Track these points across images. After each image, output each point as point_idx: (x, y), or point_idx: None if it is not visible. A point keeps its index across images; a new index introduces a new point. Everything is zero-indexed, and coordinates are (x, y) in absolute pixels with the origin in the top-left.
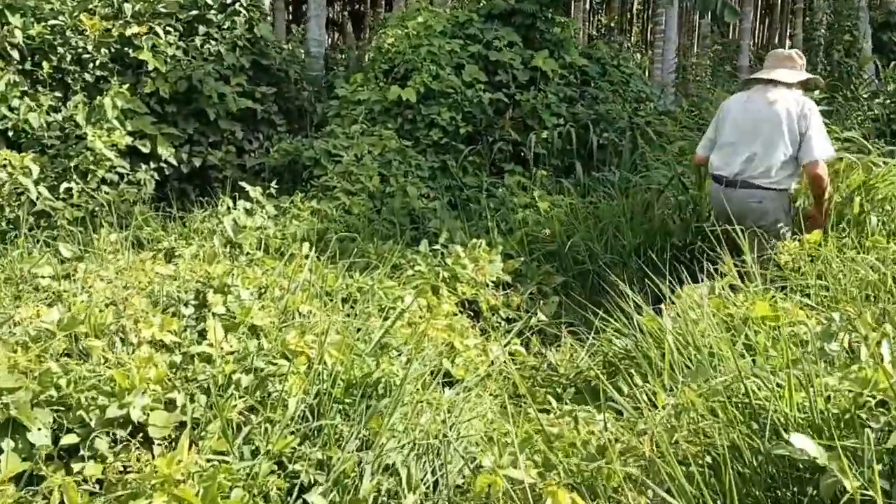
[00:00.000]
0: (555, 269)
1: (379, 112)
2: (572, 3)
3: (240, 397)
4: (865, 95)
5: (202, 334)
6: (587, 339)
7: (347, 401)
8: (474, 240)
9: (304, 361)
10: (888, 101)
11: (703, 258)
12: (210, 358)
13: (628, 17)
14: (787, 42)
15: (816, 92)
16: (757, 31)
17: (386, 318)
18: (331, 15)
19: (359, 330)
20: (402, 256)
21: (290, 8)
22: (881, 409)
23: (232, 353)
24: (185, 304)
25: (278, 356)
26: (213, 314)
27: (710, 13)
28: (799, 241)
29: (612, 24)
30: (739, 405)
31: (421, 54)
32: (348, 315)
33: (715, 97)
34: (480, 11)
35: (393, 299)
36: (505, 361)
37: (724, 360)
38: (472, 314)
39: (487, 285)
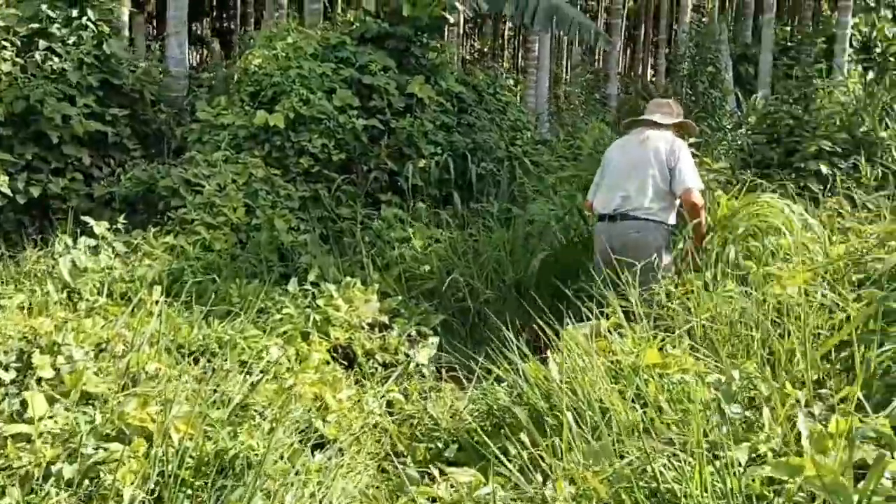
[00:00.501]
0: (434, 307)
1: (244, 138)
2: (446, 27)
3: (63, 491)
4: (729, 126)
5: (25, 405)
6: (470, 384)
7: (198, 483)
8: (348, 278)
9: (145, 440)
10: (751, 132)
11: (584, 296)
12: (29, 439)
13: (500, 42)
14: (650, 72)
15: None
16: (620, 61)
17: (248, 374)
18: (199, 31)
19: (215, 391)
20: (269, 298)
21: (154, 23)
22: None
23: (55, 433)
24: (5, 368)
25: (114, 432)
26: (38, 380)
27: (582, 42)
28: (679, 277)
29: (486, 50)
30: (647, 491)
31: (290, 77)
32: (204, 372)
33: (590, 128)
34: (353, 34)
35: (257, 351)
36: (381, 415)
37: (616, 413)
38: (346, 361)
39: (363, 328)
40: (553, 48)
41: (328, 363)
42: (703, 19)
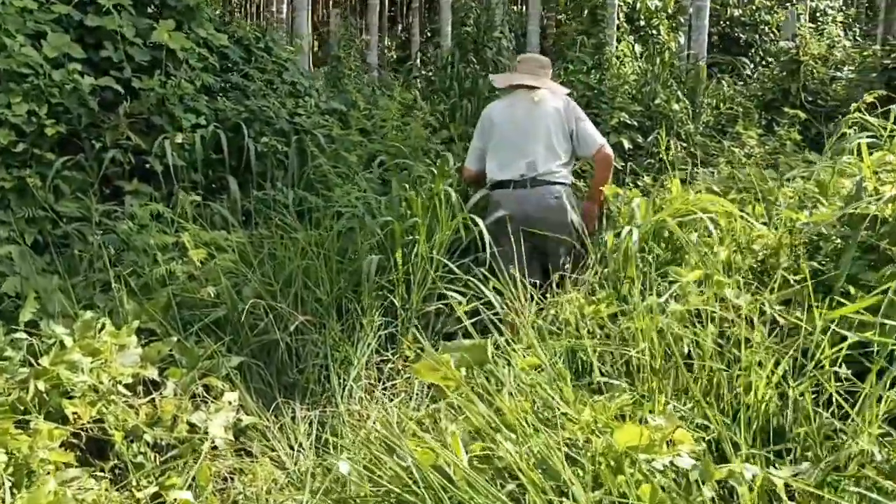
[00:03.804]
0: (226, 346)
1: None
2: None
3: None
4: None
5: None
6: (291, 458)
7: None
8: (87, 312)
9: None
10: None
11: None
12: None
13: None
14: (416, 38)
15: None
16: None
17: None
18: None
19: None
20: None
21: None
22: None
23: None
24: None
25: None
26: None
27: None
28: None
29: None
30: None
31: None
32: None
33: (397, 95)
34: None
35: None
36: None
37: None
38: (95, 452)
39: (118, 392)
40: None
41: (59, 469)
42: None
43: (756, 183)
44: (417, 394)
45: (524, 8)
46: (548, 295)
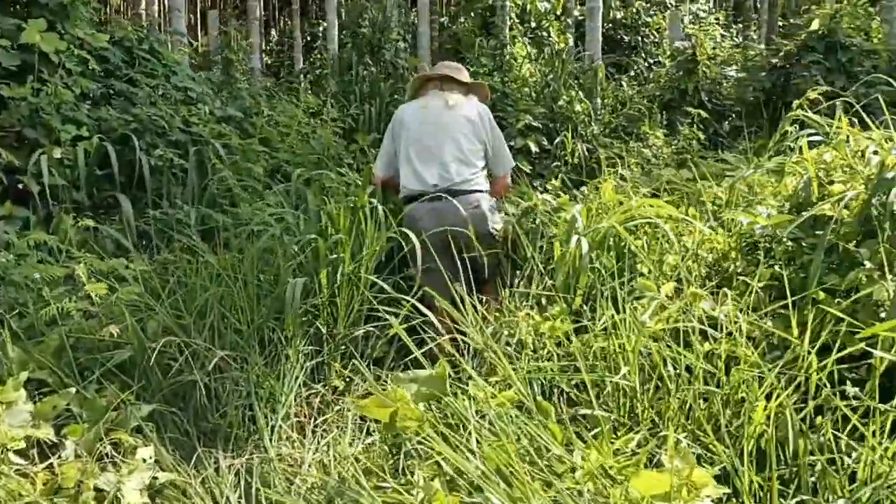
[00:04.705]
0: (135, 393)
1: None
2: None
3: None
4: None
5: None
6: None
7: None
8: None
9: None
10: None
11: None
12: None
13: None
14: (297, 41)
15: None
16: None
17: None
18: None
19: None
20: None
21: None
22: None
23: None
24: None
25: None
26: None
27: None
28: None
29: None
30: None
31: None
32: None
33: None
34: None
35: None
36: None
37: None
38: None
39: (7, 461)
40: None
41: None
42: None
43: (681, 184)
44: (352, 427)
45: (413, 10)
46: (490, 311)
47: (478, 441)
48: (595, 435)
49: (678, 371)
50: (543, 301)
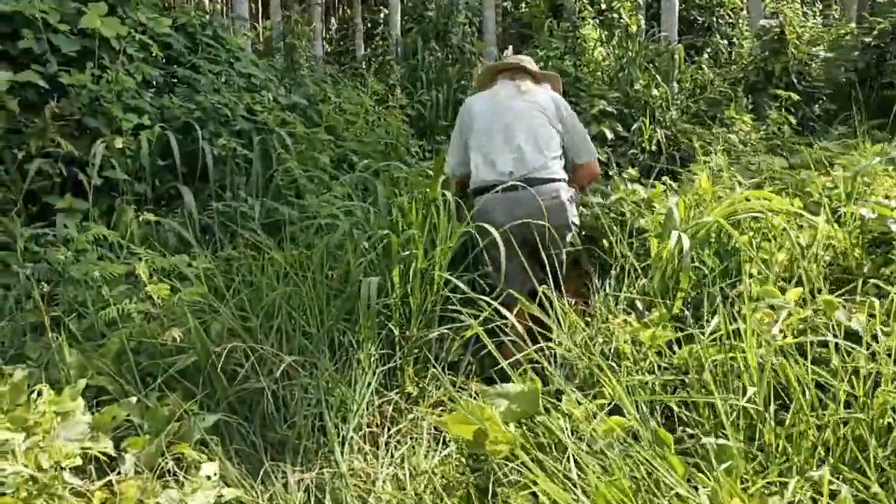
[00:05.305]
0: (198, 402)
1: None
2: None
3: None
4: None
5: None
6: None
7: None
8: (18, 369)
9: None
10: None
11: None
12: None
13: None
14: (359, 28)
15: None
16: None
17: None
18: None
19: None
20: None
21: None
22: None
23: None
24: None
25: None
26: None
27: None
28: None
29: None
30: None
31: None
32: None
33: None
34: None
35: None
36: None
37: None
38: None
39: (62, 478)
40: None
41: None
42: None
43: (780, 173)
44: (427, 437)
45: None
46: (578, 314)
47: (577, 466)
48: (727, 470)
49: (809, 391)
50: (639, 305)
